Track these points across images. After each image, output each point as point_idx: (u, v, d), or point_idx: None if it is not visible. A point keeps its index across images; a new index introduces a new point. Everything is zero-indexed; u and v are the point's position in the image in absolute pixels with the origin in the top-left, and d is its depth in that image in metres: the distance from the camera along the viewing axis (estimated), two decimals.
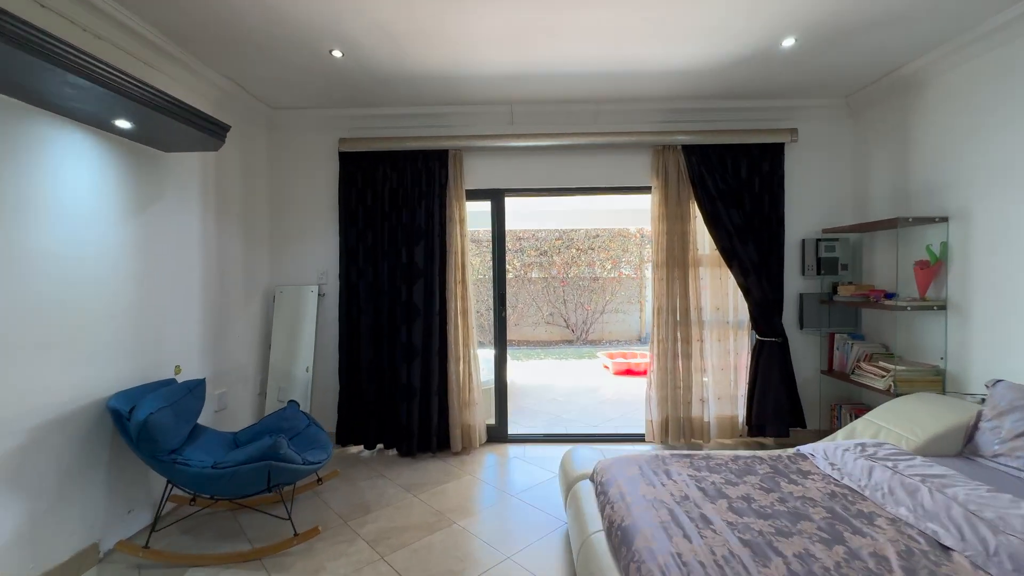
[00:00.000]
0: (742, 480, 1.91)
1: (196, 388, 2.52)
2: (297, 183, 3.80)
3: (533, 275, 10.25)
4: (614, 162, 3.76)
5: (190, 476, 2.20)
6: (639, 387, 5.83)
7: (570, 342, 10.24)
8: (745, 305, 3.67)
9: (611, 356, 7.28)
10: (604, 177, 3.78)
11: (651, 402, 3.73)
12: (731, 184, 3.60)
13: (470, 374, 3.68)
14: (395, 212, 3.65)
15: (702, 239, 3.71)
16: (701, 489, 1.82)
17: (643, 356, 7.18)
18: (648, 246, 10.36)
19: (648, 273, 10.36)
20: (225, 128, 2.49)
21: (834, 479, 1.93)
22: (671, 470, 2.01)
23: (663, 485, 1.85)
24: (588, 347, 9.78)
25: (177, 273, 2.83)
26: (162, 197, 2.71)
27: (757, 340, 3.64)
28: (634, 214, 7.11)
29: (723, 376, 3.74)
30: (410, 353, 3.57)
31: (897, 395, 2.86)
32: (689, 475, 1.96)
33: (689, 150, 3.62)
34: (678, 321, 3.65)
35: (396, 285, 3.64)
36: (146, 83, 2.03)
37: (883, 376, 3.00)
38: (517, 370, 7.20)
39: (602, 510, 1.84)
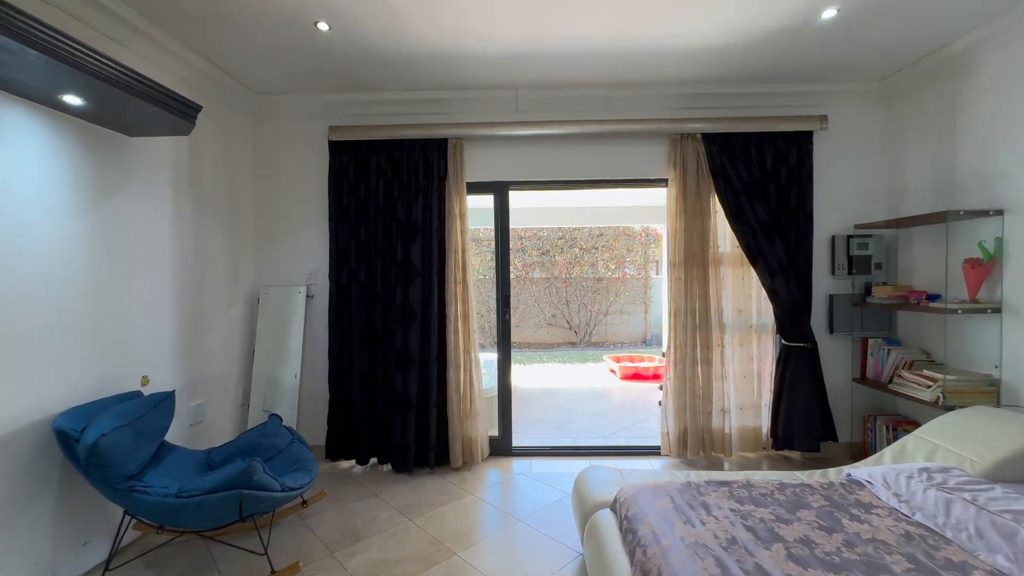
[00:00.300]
0: (795, 516, 1.62)
1: (164, 402, 2.23)
2: (284, 175, 3.51)
3: (535, 275, 9.96)
4: (627, 152, 3.48)
5: (150, 506, 1.91)
6: (648, 392, 5.55)
7: (573, 344, 9.95)
8: (769, 307, 3.39)
9: (617, 360, 6.99)
10: (616, 169, 3.49)
11: (667, 412, 3.44)
12: (755, 176, 3.31)
13: (471, 383, 3.39)
14: (390, 207, 3.36)
15: (723, 236, 3.43)
16: (749, 529, 1.53)
17: (651, 360, 6.90)
18: (653, 245, 10.08)
19: (654, 273, 10.08)
20: (195, 108, 2.20)
21: (903, 515, 1.63)
22: (709, 502, 1.71)
23: (703, 523, 1.56)
24: (592, 350, 9.49)
25: (147, 271, 2.54)
26: (127, 186, 2.42)
27: (783, 345, 3.35)
28: (641, 212, 6.82)
29: (746, 384, 3.45)
30: (406, 360, 3.28)
31: (947, 408, 2.57)
32: (731, 509, 1.66)
33: (710, 139, 3.33)
34: (697, 325, 3.36)
35: (391, 286, 3.34)
36: (97, 51, 1.74)
37: (929, 386, 2.71)
38: (519, 374, 6.91)
39: (631, 553, 1.54)
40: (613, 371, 6.70)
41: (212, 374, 3.06)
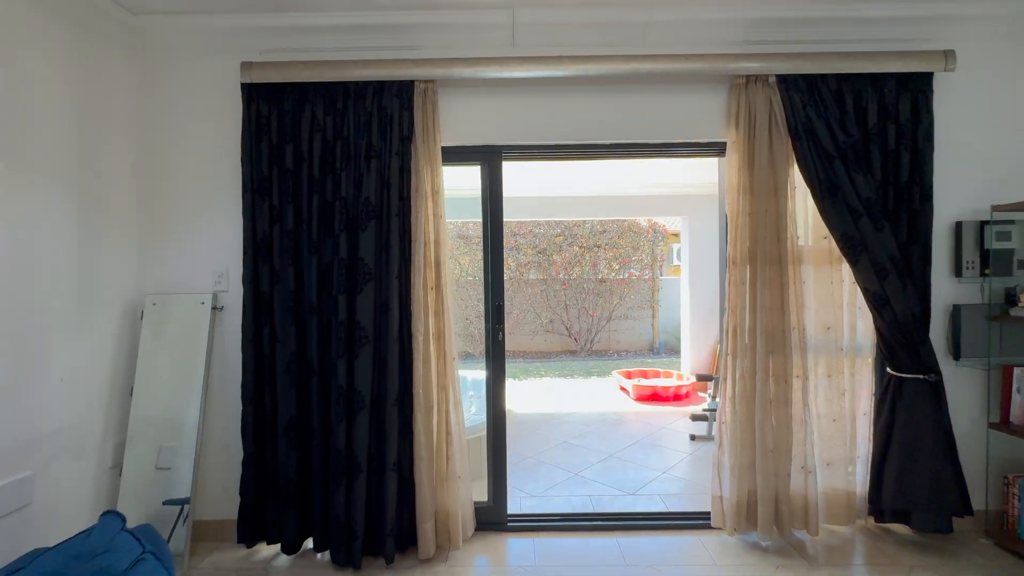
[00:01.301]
0: None
1: None
2: (178, 134, 2.46)
3: (531, 276, 8.96)
4: (669, 104, 2.48)
5: None
6: (671, 420, 4.55)
7: (573, 353, 8.96)
8: (867, 321, 2.42)
9: (628, 375, 5.99)
10: (652, 128, 2.49)
11: (722, 471, 2.44)
12: (853, 136, 2.32)
13: (449, 431, 2.37)
14: (330, 179, 2.33)
15: (805, 222, 2.45)
16: None
17: (667, 376, 5.91)
18: (661, 242, 9.12)
19: (662, 274, 9.11)
20: None
21: None
22: None
23: None
24: (594, 359, 8.50)
25: None
26: None
27: (890, 377, 2.37)
28: (651, 203, 5.80)
29: (836, 430, 2.46)
30: (353, 402, 2.25)
31: None
32: None
33: (788, 84, 2.34)
34: (768, 347, 2.36)
35: (331, 294, 2.31)
36: None
37: None
38: (514, 393, 5.89)
39: None
40: (624, 389, 5.71)
41: (50, 429, 2.00)
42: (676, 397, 5.22)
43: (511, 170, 2.79)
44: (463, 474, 2.39)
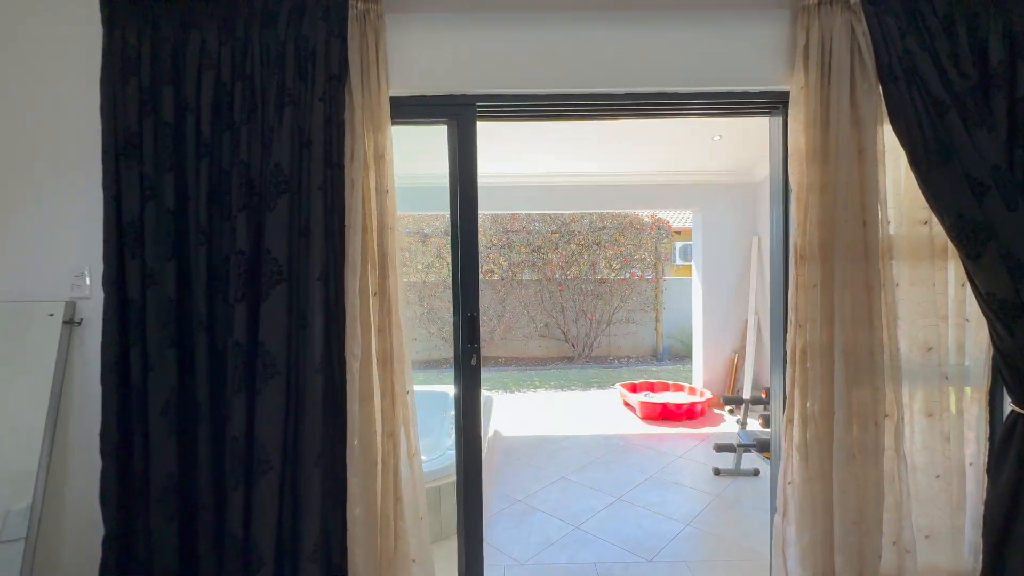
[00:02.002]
0: None
1: None
2: (14, 75, 1.74)
3: (524, 276, 8.26)
4: (707, 40, 1.79)
5: None
6: (688, 446, 3.87)
7: (570, 359, 8.26)
8: (977, 339, 1.75)
9: (632, 388, 5.31)
10: (683, 74, 1.80)
11: (787, 549, 1.75)
12: (971, 78, 1.64)
13: (398, 495, 1.66)
14: (227, 137, 1.62)
15: (898, 201, 1.77)
16: None
17: (677, 389, 5.23)
18: (665, 240, 8.44)
19: (665, 274, 8.44)
20: None
21: None
22: None
23: None
24: (593, 367, 7.81)
25: None
26: None
27: (1017, 415, 1.69)
28: (658, 192, 5.10)
29: (938, 488, 1.78)
30: (253, 461, 1.54)
31: None
32: None
33: (878, 5, 1.66)
34: (851, 376, 1.67)
35: (226, 302, 1.61)
36: None
37: None
38: (504, 409, 5.19)
39: None
40: (629, 405, 5.02)
41: None
42: (689, 415, 4.54)
43: (491, 139, 2.09)
44: (420, 557, 1.68)
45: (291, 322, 1.57)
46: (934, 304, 1.76)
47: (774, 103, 1.87)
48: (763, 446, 2.62)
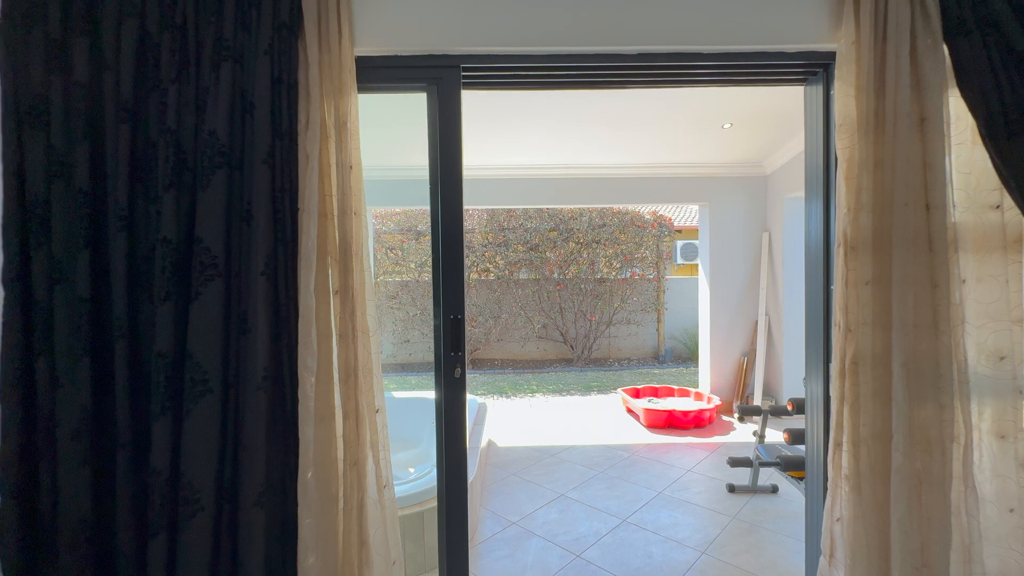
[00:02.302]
0: None
1: None
2: None
3: (521, 275, 7.97)
4: None
5: None
6: (698, 458, 3.59)
7: (569, 361, 7.98)
8: None
9: (635, 393, 5.01)
10: (705, 31, 1.51)
11: None
12: None
13: (364, 539, 1.36)
14: (153, 99, 1.33)
15: (965, 181, 1.48)
16: None
17: (683, 394, 4.94)
18: (667, 237, 8.15)
19: (669, 273, 8.15)
20: None
21: None
22: None
23: None
24: (593, 370, 7.52)
25: None
26: None
27: None
28: (660, 185, 4.81)
29: (1013, 523, 1.49)
30: (179, 500, 1.24)
31: None
32: None
33: None
34: (913, 391, 1.38)
35: (150, 301, 1.31)
36: None
37: None
38: (499, 415, 4.90)
39: None
40: (632, 412, 4.73)
41: None
42: (697, 423, 4.25)
43: (479, 121, 1.80)
44: None
45: (229, 327, 1.27)
46: (1006, 304, 1.47)
47: (812, 67, 1.59)
48: (789, 465, 2.34)
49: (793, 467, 2.34)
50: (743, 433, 4.09)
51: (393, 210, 7.57)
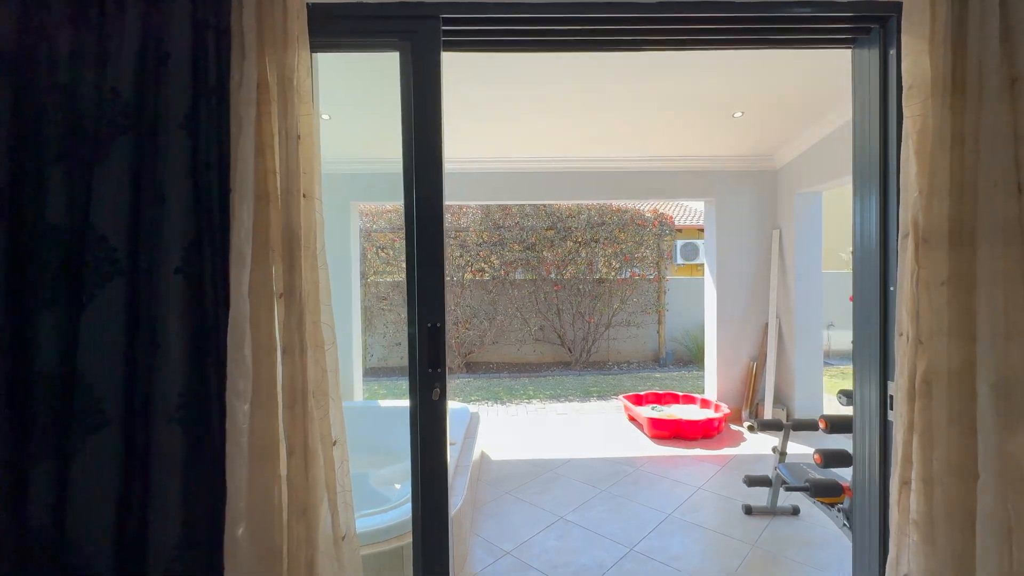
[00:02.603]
0: None
1: None
2: None
3: (517, 276, 7.68)
4: None
5: None
6: (709, 473, 3.31)
7: (567, 365, 7.70)
8: None
9: (637, 400, 4.73)
10: None
11: None
12: None
13: None
14: (42, 50, 1.03)
15: None
16: None
17: (688, 400, 4.67)
18: (668, 236, 7.88)
19: (667, 274, 7.87)
20: None
21: None
22: None
23: None
24: (592, 373, 7.25)
25: None
26: None
27: None
28: (661, 180, 4.52)
29: None
30: (62, 568, 0.95)
31: None
32: None
33: None
34: (1007, 418, 1.11)
35: (35, 308, 1.01)
36: None
37: None
38: (493, 425, 4.61)
39: None
40: (635, 421, 4.45)
41: None
42: (705, 433, 3.98)
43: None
44: None
45: (132, 340, 0.98)
46: None
47: (866, 22, 1.31)
48: (821, 490, 2.06)
49: (826, 493, 2.07)
50: (754, 444, 3.82)
51: (384, 207, 7.28)
